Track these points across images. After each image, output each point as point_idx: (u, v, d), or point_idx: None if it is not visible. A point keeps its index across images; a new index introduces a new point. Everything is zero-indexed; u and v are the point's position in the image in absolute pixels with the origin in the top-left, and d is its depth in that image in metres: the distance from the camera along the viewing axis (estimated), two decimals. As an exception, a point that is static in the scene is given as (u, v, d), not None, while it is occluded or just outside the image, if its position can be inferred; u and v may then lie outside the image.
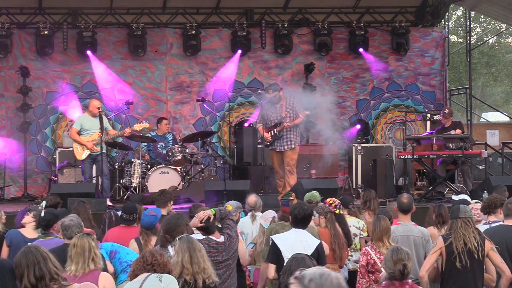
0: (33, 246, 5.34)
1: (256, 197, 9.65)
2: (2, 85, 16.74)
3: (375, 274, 7.66)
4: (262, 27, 17.46)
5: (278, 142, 13.69)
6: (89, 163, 13.79)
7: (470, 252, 7.24)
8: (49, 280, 5.06)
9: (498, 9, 18.56)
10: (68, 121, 16.72)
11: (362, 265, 7.72)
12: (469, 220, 7.35)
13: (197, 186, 14.35)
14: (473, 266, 7.27)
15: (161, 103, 17.35)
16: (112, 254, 7.57)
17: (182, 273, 6.10)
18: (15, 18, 16.87)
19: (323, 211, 8.62)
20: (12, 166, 16.45)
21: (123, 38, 17.17)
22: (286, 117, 13.66)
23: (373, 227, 7.87)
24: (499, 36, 38.56)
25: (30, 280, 5.03)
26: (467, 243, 7.23)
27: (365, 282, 7.70)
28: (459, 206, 7.53)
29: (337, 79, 18.06)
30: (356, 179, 16.51)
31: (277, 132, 13.66)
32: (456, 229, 7.30)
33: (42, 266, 5.07)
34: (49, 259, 5.15)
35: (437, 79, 18.39)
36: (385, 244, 7.74)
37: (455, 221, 7.36)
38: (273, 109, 13.69)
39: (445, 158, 14.40)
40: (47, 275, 5.07)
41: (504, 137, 19.33)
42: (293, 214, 7.47)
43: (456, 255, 7.25)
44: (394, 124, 18.13)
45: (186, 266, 6.11)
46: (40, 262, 5.08)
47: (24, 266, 5.06)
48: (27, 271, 5.04)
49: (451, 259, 7.29)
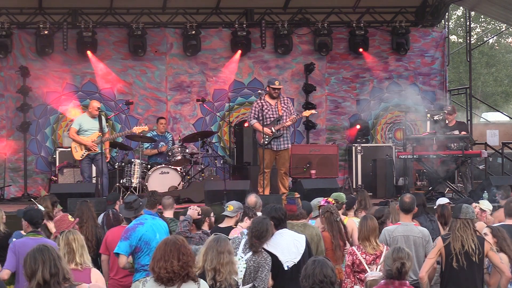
0: (47, 244, 5.35)
1: (256, 197, 9.65)
2: (2, 85, 16.73)
3: (361, 274, 7.66)
4: (262, 27, 17.45)
5: (275, 141, 13.67)
6: (88, 163, 13.79)
7: (467, 254, 7.23)
8: (62, 278, 5.07)
9: (498, 9, 18.55)
10: (68, 121, 16.71)
11: (348, 265, 7.73)
12: (469, 221, 7.33)
13: (197, 186, 14.35)
14: (471, 267, 7.26)
15: (161, 103, 17.35)
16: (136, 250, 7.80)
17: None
18: (15, 18, 16.86)
19: (323, 211, 8.63)
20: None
21: (123, 38, 17.17)
22: (283, 116, 13.65)
23: (360, 226, 7.88)
24: (499, 36, 38.59)
25: (45, 276, 5.02)
26: (464, 245, 7.22)
27: (350, 282, 7.70)
28: (461, 205, 7.52)
29: (337, 79, 18.05)
30: (356, 179, 16.51)
31: (276, 131, 13.65)
32: (455, 229, 7.30)
33: (57, 263, 5.09)
34: (62, 258, 5.20)
35: (437, 79, 18.39)
36: (371, 243, 7.75)
37: (454, 221, 7.36)
38: (269, 107, 13.65)
39: (445, 158, 14.40)
40: (61, 273, 5.08)
41: (504, 137, 19.34)
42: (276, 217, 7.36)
43: (453, 255, 7.24)
44: (394, 124, 18.12)
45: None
46: (56, 259, 5.10)
47: (39, 262, 5.06)
48: (42, 267, 5.04)
49: (449, 260, 7.29)
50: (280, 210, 7.51)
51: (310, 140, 17.77)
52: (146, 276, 7.77)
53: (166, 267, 5.37)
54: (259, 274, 6.89)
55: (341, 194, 9.72)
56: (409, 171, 15.40)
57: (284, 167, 13.87)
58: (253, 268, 6.86)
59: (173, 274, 5.37)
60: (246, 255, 6.90)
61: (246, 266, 6.79)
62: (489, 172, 15.36)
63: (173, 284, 5.41)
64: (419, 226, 8.52)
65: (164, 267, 5.38)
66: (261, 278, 6.88)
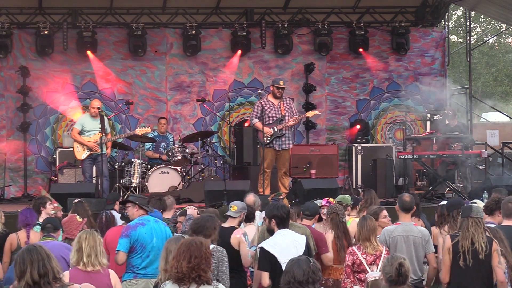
0: (37, 244, 5.34)
1: (255, 197, 9.67)
2: (2, 85, 16.73)
3: (361, 275, 7.65)
4: (262, 27, 17.45)
5: (277, 141, 13.68)
6: (89, 163, 13.81)
7: (475, 251, 7.23)
8: (52, 278, 5.05)
9: (498, 9, 18.56)
10: (68, 121, 16.72)
11: (348, 265, 7.69)
12: (480, 220, 7.37)
13: (197, 186, 14.35)
14: (478, 266, 7.26)
15: (161, 103, 17.35)
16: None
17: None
18: (15, 18, 16.86)
19: (328, 212, 8.62)
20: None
21: (123, 38, 17.17)
22: (286, 116, 13.66)
23: (360, 226, 7.82)
24: (499, 36, 38.57)
25: (34, 276, 5.01)
26: (474, 243, 7.24)
27: (350, 282, 7.69)
28: (471, 205, 7.57)
29: (337, 79, 18.05)
30: (356, 179, 16.50)
31: (278, 130, 13.66)
32: (467, 228, 7.30)
33: (46, 263, 5.07)
34: (52, 258, 5.16)
35: (437, 79, 18.38)
36: (372, 243, 7.72)
37: (465, 220, 7.36)
38: (272, 107, 13.67)
39: (445, 158, 14.39)
40: (50, 273, 5.06)
41: (504, 137, 19.33)
42: (278, 215, 7.38)
43: (461, 254, 7.25)
44: (394, 124, 18.12)
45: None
46: (44, 259, 5.08)
47: (27, 263, 5.04)
48: (31, 267, 5.02)
49: (456, 258, 7.30)
50: (283, 208, 7.51)
51: (310, 140, 17.77)
52: (133, 279, 7.85)
53: (177, 267, 5.42)
54: (220, 268, 7.03)
55: (346, 196, 9.70)
56: (409, 171, 15.40)
57: (284, 167, 13.88)
58: (214, 264, 6.80)
59: (182, 274, 5.40)
60: None
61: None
62: (489, 172, 15.34)
63: (185, 285, 5.43)
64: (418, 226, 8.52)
65: (175, 266, 5.43)
66: (223, 271, 7.01)
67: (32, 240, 8.80)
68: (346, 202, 9.47)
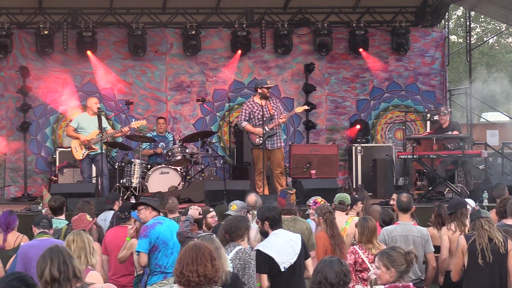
0: (60, 244, 5.34)
1: (256, 196, 9.66)
2: (2, 85, 16.74)
3: (363, 273, 7.65)
4: (262, 27, 17.46)
5: (269, 140, 13.67)
6: (88, 163, 13.77)
7: (495, 247, 7.28)
8: (72, 276, 5.04)
9: (498, 9, 18.56)
10: (68, 121, 16.71)
11: (350, 263, 7.68)
12: (491, 220, 7.46)
13: (197, 186, 14.35)
14: (498, 261, 7.30)
15: (161, 103, 17.35)
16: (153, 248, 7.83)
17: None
18: (15, 18, 16.87)
19: (321, 212, 8.59)
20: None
21: (123, 38, 17.17)
22: (275, 114, 13.66)
23: (361, 228, 7.80)
24: (499, 36, 38.54)
25: (53, 272, 4.98)
26: (492, 238, 7.31)
27: (352, 281, 7.68)
28: (479, 209, 7.68)
29: (337, 79, 18.05)
30: (356, 179, 16.51)
31: (270, 129, 13.64)
32: (480, 227, 7.37)
33: (67, 261, 5.05)
34: (74, 258, 5.16)
35: (437, 79, 18.39)
36: (374, 245, 7.72)
37: (478, 221, 7.43)
38: (259, 108, 13.64)
39: (445, 158, 14.38)
40: (70, 270, 5.04)
41: (504, 137, 19.32)
42: (271, 217, 7.34)
43: (479, 251, 7.28)
44: (394, 124, 18.12)
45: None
46: (66, 257, 5.07)
47: (48, 260, 5.03)
48: (51, 264, 5.00)
49: (475, 257, 7.32)
50: (274, 209, 7.46)
51: (310, 140, 17.77)
52: (163, 279, 7.78)
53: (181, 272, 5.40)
54: (247, 270, 6.83)
55: (347, 196, 9.70)
56: (409, 171, 15.40)
57: (279, 167, 13.84)
58: (240, 266, 6.82)
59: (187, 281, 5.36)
60: (229, 255, 6.82)
61: (233, 266, 6.72)
62: (489, 172, 15.34)
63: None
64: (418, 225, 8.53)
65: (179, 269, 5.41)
66: (249, 275, 6.84)
67: (9, 243, 8.78)
68: (347, 201, 9.48)
